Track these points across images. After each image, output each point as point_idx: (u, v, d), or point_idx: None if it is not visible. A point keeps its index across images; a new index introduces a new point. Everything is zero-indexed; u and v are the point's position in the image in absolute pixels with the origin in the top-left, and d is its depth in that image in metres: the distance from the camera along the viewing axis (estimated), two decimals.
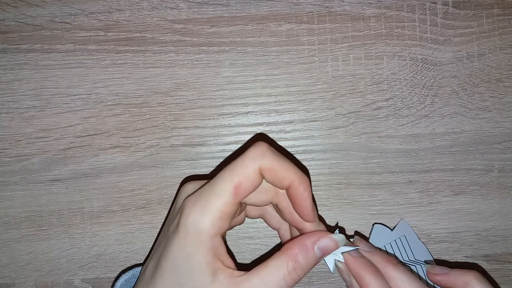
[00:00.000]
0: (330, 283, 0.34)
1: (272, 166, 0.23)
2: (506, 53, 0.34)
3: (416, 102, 0.34)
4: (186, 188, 0.26)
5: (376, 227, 0.34)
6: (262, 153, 0.23)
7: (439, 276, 0.28)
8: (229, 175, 0.23)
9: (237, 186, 0.23)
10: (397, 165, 0.34)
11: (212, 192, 0.23)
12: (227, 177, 0.23)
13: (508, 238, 0.34)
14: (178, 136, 0.34)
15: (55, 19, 0.34)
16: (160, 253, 0.24)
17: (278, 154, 0.24)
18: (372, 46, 0.34)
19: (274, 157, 0.24)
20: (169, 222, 0.25)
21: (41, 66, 0.34)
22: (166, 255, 0.23)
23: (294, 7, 0.34)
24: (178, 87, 0.34)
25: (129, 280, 0.30)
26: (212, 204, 0.23)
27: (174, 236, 0.23)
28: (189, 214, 0.23)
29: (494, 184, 0.34)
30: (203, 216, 0.22)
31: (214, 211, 0.23)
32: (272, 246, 0.34)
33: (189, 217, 0.23)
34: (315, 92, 0.34)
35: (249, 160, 0.23)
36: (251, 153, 0.23)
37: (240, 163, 0.23)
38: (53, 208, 0.34)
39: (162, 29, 0.34)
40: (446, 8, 0.34)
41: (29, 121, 0.34)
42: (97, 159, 0.34)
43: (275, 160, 0.23)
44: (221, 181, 0.23)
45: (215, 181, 0.23)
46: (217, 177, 0.24)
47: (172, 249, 0.23)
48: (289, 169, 0.24)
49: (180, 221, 0.23)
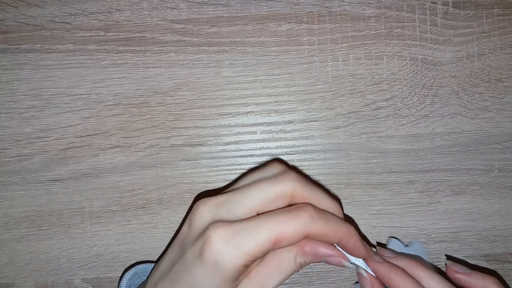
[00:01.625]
0: (330, 283, 0.34)
1: (320, 232, 0.24)
2: (506, 53, 0.34)
3: (416, 102, 0.34)
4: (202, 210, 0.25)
5: (393, 240, 0.33)
6: (310, 219, 0.23)
7: (459, 274, 0.28)
8: (272, 227, 0.23)
9: (277, 241, 0.23)
10: (397, 165, 0.34)
11: (250, 236, 0.23)
12: (269, 228, 0.23)
13: (508, 238, 0.34)
14: (178, 136, 0.34)
15: (55, 19, 0.34)
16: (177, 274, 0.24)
17: (325, 217, 0.24)
18: (372, 46, 0.34)
19: (322, 222, 0.24)
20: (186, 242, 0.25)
21: (41, 66, 0.34)
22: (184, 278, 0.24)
23: (294, 7, 0.34)
24: (178, 87, 0.34)
25: (131, 278, 0.30)
26: (247, 247, 0.22)
27: (196, 264, 0.23)
28: (220, 250, 0.22)
29: (494, 184, 0.34)
30: (235, 257, 0.22)
31: (247, 255, 0.23)
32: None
33: (220, 255, 0.22)
34: (315, 92, 0.34)
35: (297, 223, 0.23)
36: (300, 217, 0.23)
37: (287, 221, 0.23)
38: (53, 208, 0.34)
39: (162, 29, 0.34)
40: (446, 8, 0.34)
41: (29, 121, 0.34)
42: (97, 159, 0.34)
43: (323, 225, 0.24)
44: (262, 228, 0.23)
45: (255, 225, 0.23)
46: (258, 221, 0.23)
47: (191, 275, 0.23)
48: (336, 230, 0.24)
49: (206, 251, 0.23)
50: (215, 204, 0.24)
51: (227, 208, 0.24)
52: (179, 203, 0.34)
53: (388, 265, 0.26)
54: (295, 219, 0.23)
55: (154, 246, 0.34)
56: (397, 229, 0.34)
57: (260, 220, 0.23)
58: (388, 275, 0.26)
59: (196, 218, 0.24)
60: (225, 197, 0.25)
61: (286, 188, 0.24)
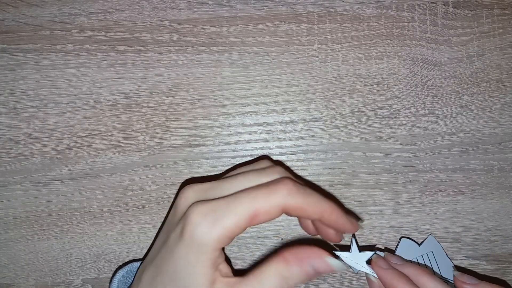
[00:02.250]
0: (330, 283, 0.34)
1: (298, 205, 0.23)
2: (506, 53, 0.34)
3: (416, 102, 0.34)
4: (187, 193, 0.25)
5: (403, 241, 0.33)
6: (288, 192, 0.23)
7: (467, 285, 0.27)
8: (250, 201, 0.23)
9: (254, 215, 0.23)
10: (397, 165, 0.34)
11: (227, 210, 0.23)
12: (247, 202, 0.23)
13: (508, 238, 0.34)
14: (178, 136, 0.34)
15: (55, 19, 0.34)
16: (161, 258, 0.24)
17: (304, 191, 0.24)
18: (372, 46, 0.34)
19: (300, 197, 0.23)
20: (170, 225, 0.25)
21: (41, 66, 0.34)
22: (168, 261, 0.23)
23: (294, 7, 0.34)
24: (178, 87, 0.34)
25: (125, 275, 0.30)
26: (224, 221, 0.22)
27: (178, 243, 0.23)
28: (197, 224, 0.22)
29: (494, 184, 0.34)
30: (212, 230, 0.22)
31: (224, 228, 0.22)
32: (272, 245, 0.34)
33: (197, 228, 0.22)
34: (315, 92, 0.34)
35: (274, 196, 0.23)
36: (277, 190, 0.23)
37: (264, 195, 0.23)
38: (53, 208, 0.34)
39: (162, 29, 0.34)
40: (446, 8, 0.34)
41: (29, 121, 0.34)
42: (97, 159, 0.34)
43: (301, 199, 0.23)
44: (239, 203, 0.23)
45: (233, 200, 0.23)
46: (235, 197, 0.23)
47: (174, 256, 0.23)
48: (315, 205, 0.24)
49: (185, 229, 0.23)
50: (201, 188, 0.25)
51: (212, 194, 0.24)
52: None
53: (392, 272, 0.26)
54: (273, 193, 0.23)
55: None
56: (397, 229, 0.34)
57: (238, 195, 0.23)
58: (391, 282, 0.26)
59: (180, 201, 0.25)
60: (211, 184, 0.25)
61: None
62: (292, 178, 0.24)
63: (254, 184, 0.24)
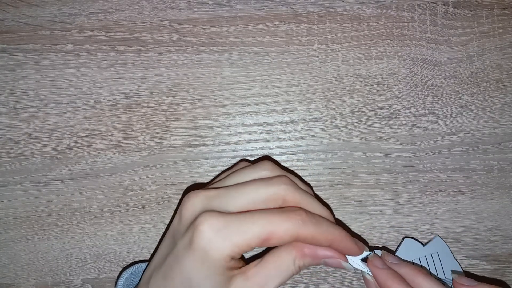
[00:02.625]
0: (330, 283, 0.34)
1: (310, 235, 0.24)
2: (506, 53, 0.34)
3: (416, 102, 0.34)
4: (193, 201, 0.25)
5: (406, 241, 0.33)
6: (302, 222, 0.23)
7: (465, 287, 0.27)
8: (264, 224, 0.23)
9: (267, 238, 0.23)
10: (397, 165, 0.34)
11: (240, 229, 0.23)
12: (261, 225, 0.23)
13: (508, 238, 0.34)
14: (178, 136, 0.34)
15: (55, 19, 0.34)
16: (169, 266, 0.24)
17: (316, 221, 0.24)
18: (372, 46, 0.34)
19: (313, 227, 0.24)
20: (176, 232, 0.25)
21: (41, 66, 0.34)
22: (176, 270, 0.24)
23: (294, 7, 0.34)
24: (178, 87, 0.34)
25: (129, 277, 0.30)
26: (237, 240, 0.23)
27: (187, 254, 0.23)
28: (210, 240, 0.23)
29: (494, 184, 0.34)
30: (224, 246, 0.23)
31: (236, 246, 0.23)
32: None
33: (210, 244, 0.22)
34: (315, 92, 0.34)
35: (288, 224, 0.23)
36: (292, 218, 0.23)
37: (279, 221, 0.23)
38: (53, 208, 0.34)
39: (162, 29, 0.34)
40: (446, 8, 0.34)
41: (29, 121, 0.34)
42: (97, 159, 0.34)
43: (313, 229, 0.24)
44: (254, 224, 0.23)
45: (248, 220, 0.23)
46: (250, 216, 0.23)
47: (183, 265, 0.23)
48: (326, 234, 0.24)
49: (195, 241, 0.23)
50: (207, 196, 0.24)
51: (218, 202, 0.24)
52: None
53: (386, 272, 0.26)
54: (287, 220, 0.23)
55: (154, 246, 0.34)
56: (397, 229, 0.34)
57: (252, 215, 0.23)
58: (385, 282, 0.26)
59: (186, 209, 0.24)
60: (217, 192, 0.25)
61: (279, 191, 0.24)
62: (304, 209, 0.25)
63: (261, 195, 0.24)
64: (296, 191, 0.25)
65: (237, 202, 0.24)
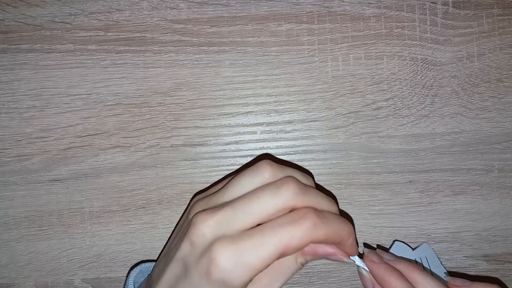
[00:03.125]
0: (330, 283, 0.34)
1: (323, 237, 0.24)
2: (506, 53, 0.34)
3: (416, 102, 0.34)
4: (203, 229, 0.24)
5: (396, 244, 0.33)
6: (313, 226, 0.23)
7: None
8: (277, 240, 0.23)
9: (283, 253, 0.23)
10: (397, 165, 0.34)
11: (255, 252, 0.23)
12: (274, 242, 0.23)
13: (508, 238, 0.34)
14: (178, 136, 0.34)
15: (55, 19, 0.34)
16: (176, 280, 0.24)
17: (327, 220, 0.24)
18: (372, 46, 0.34)
19: (325, 228, 0.23)
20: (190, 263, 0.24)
21: (41, 66, 0.34)
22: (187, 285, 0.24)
23: (294, 7, 0.34)
24: (178, 87, 0.34)
25: (137, 275, 0.30)
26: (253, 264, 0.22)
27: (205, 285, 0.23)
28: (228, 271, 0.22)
29: (494, 184, 0.34)
30: (242, 274, 0.22)
31: (254, 270, 0.23)
32: None
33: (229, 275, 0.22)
34: (315, 92, 0.34)
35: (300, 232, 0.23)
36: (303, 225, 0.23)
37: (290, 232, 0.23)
38: (53, 208, 0.34)
39: (162, 29, 0.34)
40: (446, 8, 0.34)
41: (29, 121, 0.34)
42: (97, 159, 0.34)
43: (326, 230, 0.24)
44: (267, 243, 0.23)
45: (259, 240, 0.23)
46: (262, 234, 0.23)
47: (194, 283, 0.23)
48: (338, 232, 0.24)
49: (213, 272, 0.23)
50: (216, 221, 0.24)
51: (227, 225, 0.24)
52: (179, 203, 0.34)
53: (384, 266, 0.26)
54: (299, 229, 0.23)
55: (154, 246, 0.34)
56: (397, 229, 0.34)
57: (263, 234, 0.23)
58: (383, 276, 0.26)
59: (196, 236, 0.24)
60: (225, 213, 0.24)
61: (288, 201, 0.24)
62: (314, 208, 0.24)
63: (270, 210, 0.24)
64: (304, 195, 0.24)
65: (246, 222, 0.24)
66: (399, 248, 0.33)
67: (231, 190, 0.26)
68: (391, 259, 0.28)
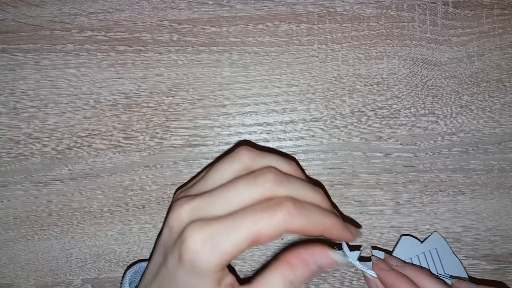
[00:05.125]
0: (330, 283, 0.34)
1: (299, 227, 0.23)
2: (506, 53, 0.34)
3: (416, 102, 0.34)
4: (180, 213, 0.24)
5: (403, 238, 0.33)
6: (289, 214, 0.23)
7: None
8: (250, 225, 0.22)
9: (256, 239, 0.22)
10: (397, 165, 0.34)
11: (227, 236, 0.22)
12: (247, 226, 0.22)
13: (508, 238, 0.34)
14: (178, 136, 0.34)
15: (55, 19, 0.34)
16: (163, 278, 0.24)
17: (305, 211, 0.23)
18: (372, 46, 0.34)
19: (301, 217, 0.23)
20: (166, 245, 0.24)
21: (41, 66, 0.34)
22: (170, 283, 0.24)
23: (294, 7, 0.34)
24: (178, 87, 0.34)
25: (133, 275, 0.30)
26: (224, 247, 0.22)
27: (177, 267, 0.23)
28: (197, 252, 0.22)
29: (494, 184, 0.34)
30: (212, 257, 0.22)
31: (224, 254, 0.22)
32: (272, 245, 0.34)
33: (197, 256, 0.22)
34: (315, 92, 0.34)
35: (274, 219, 0.22)
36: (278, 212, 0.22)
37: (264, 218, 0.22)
38: (53, 208, 0.34)
39: (162, 29, 0.34)
40: (446, 8, 0.34)
41: (29, 121, 0.34)
42: (97, 159, 0.34)
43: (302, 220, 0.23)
44: (239, 227, 0.22)
45: (232, 224, 0.22)
46: (234, 220, 0.23)
47: (175, 279, 0.23)
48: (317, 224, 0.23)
49: (184, 255, 0.22)
50: (193, 207, 0.24)
51: (204, 211, 0.24)
52: None
53: (394, 273, 0.26)
54: (273, 217, 0.22)
55: (154, 246, 0.34)
56: (397, 229, 0.34)
57: (236, 219, 0.23)
58: (393, 283, 0.26)
59: (174, 221, 0.24)
60: (202, 200, 0.24)
61: (265, 191, 0.23)
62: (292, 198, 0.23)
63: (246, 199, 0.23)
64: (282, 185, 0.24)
65: (222, 209, 0.23)
66: (407, 243, 0.33)
67: (211, 179, 0.25)
68: (399, 265, 0.28)
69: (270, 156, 0.26)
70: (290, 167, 0.26)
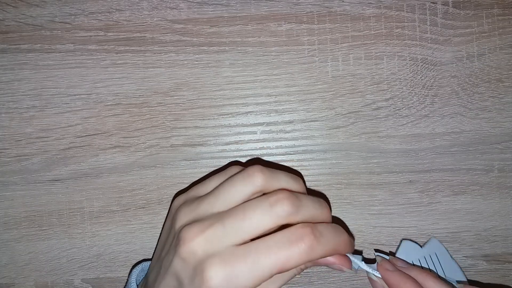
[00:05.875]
0: (330, 283, 0.34)
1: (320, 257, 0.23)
2: (506, 53, 0.34)
3: (416, 102, 0.34)
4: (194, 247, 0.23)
5: (404, 242, 0.33)
6: (311, 249, 0.23)
7: None
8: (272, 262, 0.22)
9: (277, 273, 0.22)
10: (397, 165, 0.34)
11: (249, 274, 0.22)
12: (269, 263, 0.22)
13: (508, 238, 0.34)
14: (178, 136, 0.34)
15: (55, 19, 0.34)
16: None
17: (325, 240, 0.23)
18: (372, 46, 0.34)
19: (322, 247, 0.23)
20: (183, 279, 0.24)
21: (41, 66, 0.34)
22: None
23: (294, 7, 0.34)
24: (178, 87, 0.34)
25: (139, 274, 0.30)
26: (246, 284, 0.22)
27: None
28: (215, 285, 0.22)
29: (494, 184, 0.34)
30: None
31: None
32: None
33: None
34: (315, 92, 0.34)
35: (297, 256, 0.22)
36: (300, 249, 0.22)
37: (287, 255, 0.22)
38: (53, 208, 0.34)
39: (162, 29, 0.34)
40: (446, 8, 0.34)
41: (29, 121, 0.34)
42: (97, 159, 0.34)
43: (323, 250, 0.23)
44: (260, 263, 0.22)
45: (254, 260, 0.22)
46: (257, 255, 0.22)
47: None
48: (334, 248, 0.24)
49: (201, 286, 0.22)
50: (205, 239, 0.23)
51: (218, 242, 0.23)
52: None
53: (399, 274, 0.26)
54: (295, 251, 0.22)
55: (154, 246, 0.34)
56: (397, 229, 0.34)
57: (258, 254, 0.22)
58: (398, 284, 0.26)
59: (187, 254, 0.23)
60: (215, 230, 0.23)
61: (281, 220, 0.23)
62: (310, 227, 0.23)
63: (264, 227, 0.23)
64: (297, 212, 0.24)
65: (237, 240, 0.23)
66: (407, 248, 0.33)
67: (220, 199, 0.25)
68: (404, 266, 0.28)
69: (282, 176, 0.26)
70: (299, 186, 0.26)
